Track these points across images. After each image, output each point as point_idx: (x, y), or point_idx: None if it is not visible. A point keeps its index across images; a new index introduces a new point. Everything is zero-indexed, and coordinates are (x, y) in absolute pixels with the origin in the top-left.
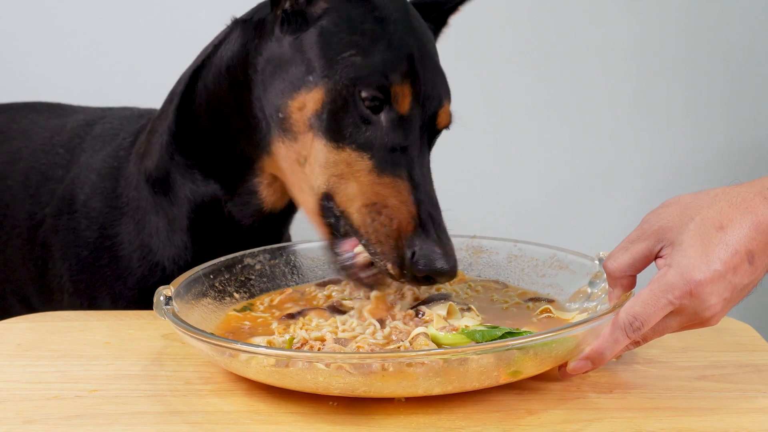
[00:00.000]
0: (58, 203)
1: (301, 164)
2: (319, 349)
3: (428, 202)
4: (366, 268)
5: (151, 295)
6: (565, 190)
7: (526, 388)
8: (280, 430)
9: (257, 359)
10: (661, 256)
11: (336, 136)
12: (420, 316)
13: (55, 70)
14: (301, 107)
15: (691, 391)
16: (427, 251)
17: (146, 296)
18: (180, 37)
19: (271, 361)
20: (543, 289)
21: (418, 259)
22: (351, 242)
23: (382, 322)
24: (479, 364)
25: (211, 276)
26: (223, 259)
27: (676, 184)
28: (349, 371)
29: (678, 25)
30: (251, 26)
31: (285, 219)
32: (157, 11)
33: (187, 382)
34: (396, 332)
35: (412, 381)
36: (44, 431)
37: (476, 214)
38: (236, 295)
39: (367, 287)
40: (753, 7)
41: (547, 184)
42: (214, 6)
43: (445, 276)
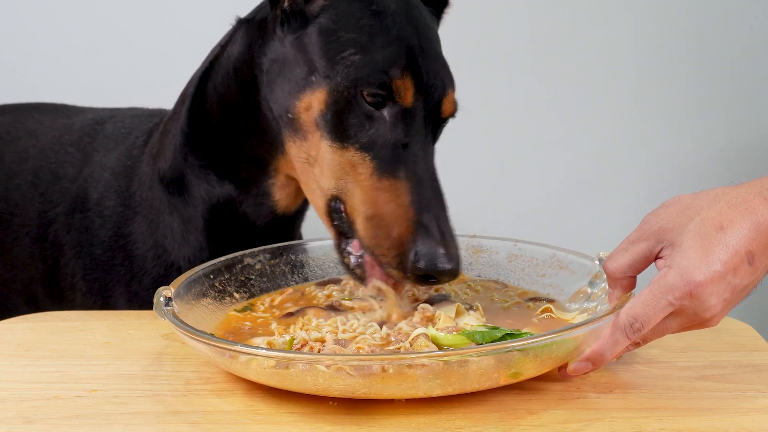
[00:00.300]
0: (71, 202)
1: (311, 164)
2: (319, 350)
3: (431, 198)
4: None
5: None
6: (565, 190)
7: (526, 389)
8: (280, 430)
9: (257, 361)
10: (661, 257)
11: (341, 136)
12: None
13: (55, 70)
14: (308, 107)
15: (691, 391)
16: (429, 251)
17: None
18: (180, 37)
19: (271, 363)
20: (543, 289)
21: (419, 259)
22: (359, 243)
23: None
24: (479, 366)
25: (211, 276)
26: (223, 258)
27: (676, 184)
28: (350, 373)
29: (678, 25)
30: (254, 26)
31: (298, 219)
32: (158, 11)
33: (187, 382)
34: (396, 333)
35: (413, 383)
36: (44, 431)
37: (476, 214)
38: (236, 295)
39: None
40: (753, 7)
41: (547, 184)
42: (214, 6)
43: (448, 275)
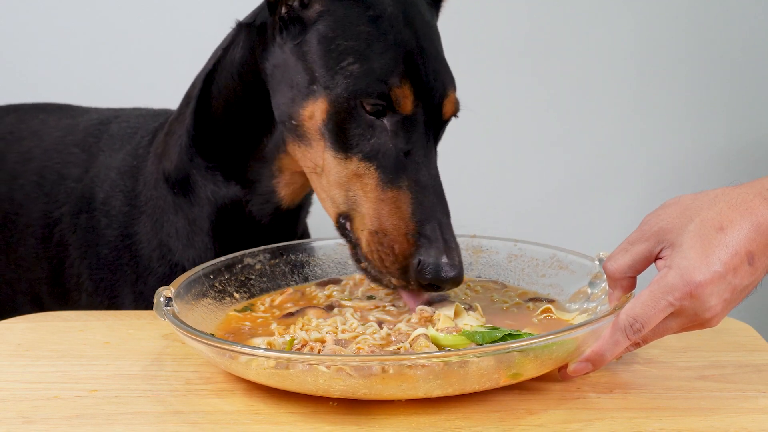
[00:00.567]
0: (77, 201)
1: (318, 174)
2: (320, 351)
3: (433, 206)
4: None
5: None
6: (565, 190)
7: (526, 389)
8: (280, 430)
9: (257, 361)
10: (661, 258)
11: (344, 146)
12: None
13: (55, 70)
14: (311, 116)
15: (691, 391)
16: (432, 261)
17: None
18: (180, 37)
19: (271, 363)
20: (543, 289)
21: (423, 269)
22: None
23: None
24: (479, 367)
25: (211, 276)
26: (223, 258)
27: (676, 184)
28: (350, 373)
29: (678, 25)
30: (255, 31)
31: (302, 211)
32: (158, 11)
33: (187, 382)
34: (396, 333)
35: (413, 383)
36: (44, 431)
37: (476, 214)
38: (236, 295)
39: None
40: (753, 7)
41: (547, 184)
42: (214, 6)
43: (451, 283)
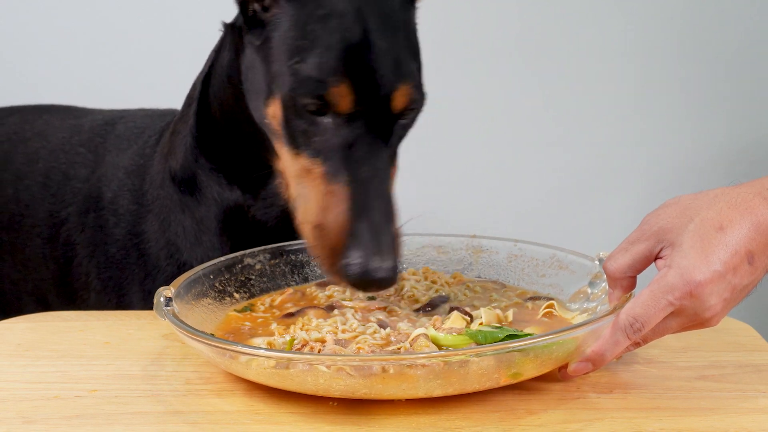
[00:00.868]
0: (84, 201)
1: (283, 171)
2: (320, 351)
3: (371, 203)
4: None
5: None
6: (565, 190)
7: (526, 389)
8: (280, 430)
9: (257, 361)
10: (661, 257)
11: (295, 143)
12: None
13: (55, 70)
14: (274, 115)
15: (691, 391)
16: (359, 260)
17: None
18: (180, 38)
19: (271, 363)
20: (543, 289)
21: (349, 267)
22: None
23: (383, 323)
24: (480, 367)
25: (211, 276)
26: (223, 258)
27: (676, 184)
28: (350, 373)
29: (677, 25)
30: (237, 32)
31: None
32: (158, 11)
33: (187, 382)
34: (396, 333)
35: (413, 383)
36: (44, 431)
37: (476, 214)
38: (236, 295)
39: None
40: (752, 7)
41: (547, 183)
42: (214, 6)
43: (376, 285)
